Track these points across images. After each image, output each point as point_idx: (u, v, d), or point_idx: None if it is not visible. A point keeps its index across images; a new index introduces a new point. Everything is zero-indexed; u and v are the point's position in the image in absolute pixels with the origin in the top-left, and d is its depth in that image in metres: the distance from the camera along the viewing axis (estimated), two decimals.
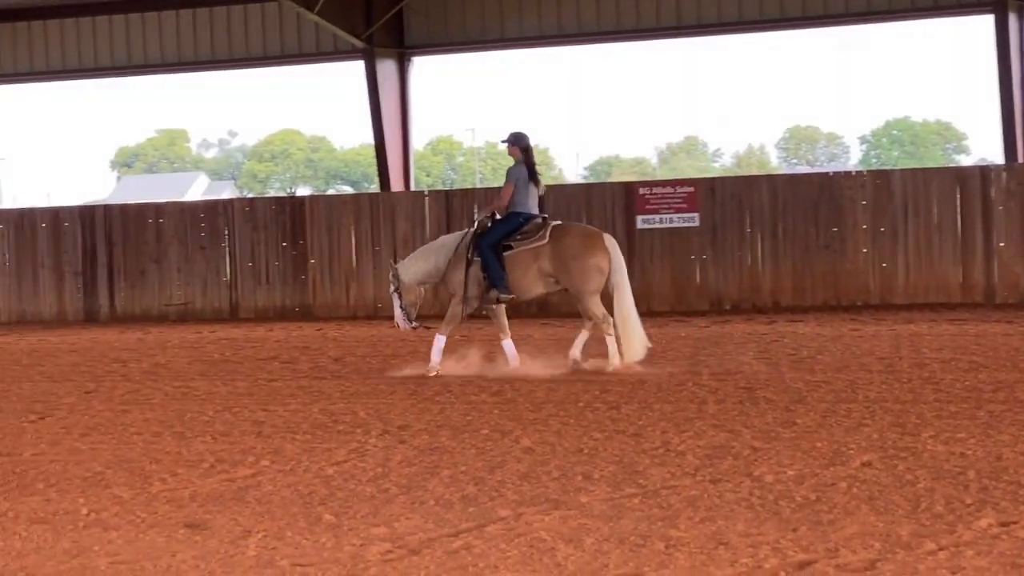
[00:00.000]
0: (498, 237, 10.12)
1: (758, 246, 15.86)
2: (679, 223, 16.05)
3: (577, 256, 10.04)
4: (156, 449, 7.31)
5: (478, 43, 18.36)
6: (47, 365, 12.22)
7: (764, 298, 15.80)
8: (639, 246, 15.93)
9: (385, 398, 9.12)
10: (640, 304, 15.36)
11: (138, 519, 5.50)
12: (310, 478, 6.29)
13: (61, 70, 19.07)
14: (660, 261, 15.99)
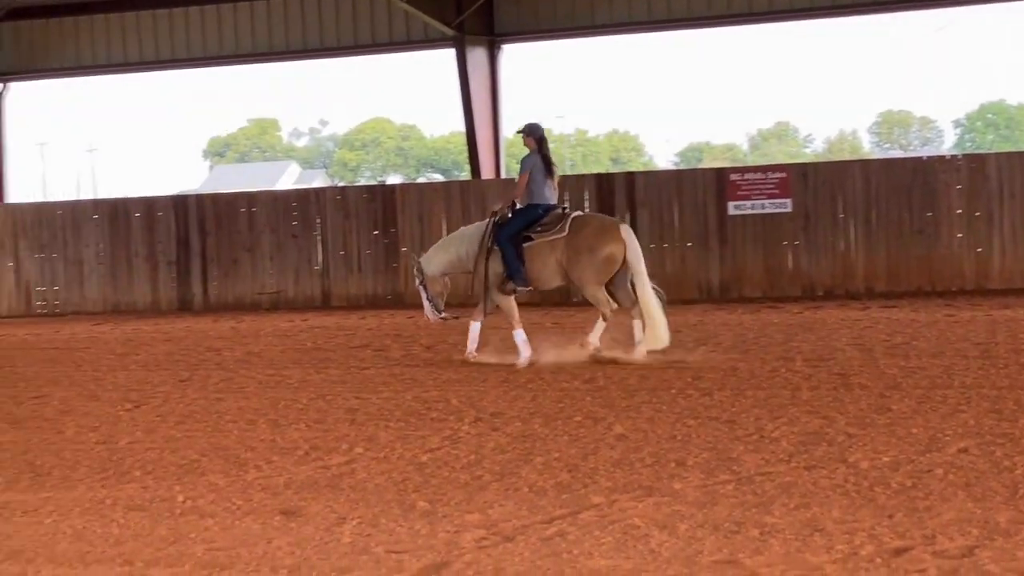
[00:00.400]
0: (517, 228, 10.16)
1: (851, 232, 15.57)
2: (771, 209, 15.84)
3: (592, 248, 10.04)
4: (251, 437, 7.44)
5: (568, 30, 18.27)
6: (142, 354, 12.46)
7: (857, 284, 15.51)
8: (731, 232, 15.77)
9: (477, 385, 9.16)
10: (732, 290, 15.40)
11: (233, 506, 5.62)
12: (404, 465, 6.38)
13: (154, 61, 19.30)
14: (752, 247, 15.78)
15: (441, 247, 10.75)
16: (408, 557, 4.64)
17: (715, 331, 12.18)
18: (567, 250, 10.04)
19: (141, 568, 4.73)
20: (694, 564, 4.39)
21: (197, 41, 18.60)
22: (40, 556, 4.91)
